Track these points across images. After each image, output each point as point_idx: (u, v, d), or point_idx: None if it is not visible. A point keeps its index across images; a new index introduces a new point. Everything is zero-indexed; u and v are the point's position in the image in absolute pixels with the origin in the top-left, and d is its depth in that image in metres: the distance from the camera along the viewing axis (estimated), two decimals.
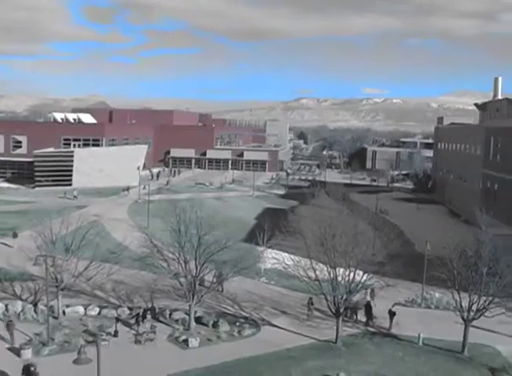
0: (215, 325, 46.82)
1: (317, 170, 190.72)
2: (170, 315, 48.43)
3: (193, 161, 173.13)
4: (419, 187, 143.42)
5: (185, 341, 43.45)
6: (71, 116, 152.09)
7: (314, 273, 45.64)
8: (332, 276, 44.93)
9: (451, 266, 45.25)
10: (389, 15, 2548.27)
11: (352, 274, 44.91)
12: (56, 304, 47.41)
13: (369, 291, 52.47)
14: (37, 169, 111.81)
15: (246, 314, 50.63)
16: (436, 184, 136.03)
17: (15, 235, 68.33)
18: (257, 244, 66.40)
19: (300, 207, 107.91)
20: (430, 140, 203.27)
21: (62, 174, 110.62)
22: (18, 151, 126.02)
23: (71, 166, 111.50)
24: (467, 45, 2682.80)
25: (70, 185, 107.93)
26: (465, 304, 44.43)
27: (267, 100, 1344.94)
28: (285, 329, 47.45)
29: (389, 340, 46.75)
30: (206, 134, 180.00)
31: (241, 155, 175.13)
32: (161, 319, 47.93)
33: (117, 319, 46.90)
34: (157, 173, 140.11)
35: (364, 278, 45.61)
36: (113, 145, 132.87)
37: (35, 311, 47.89)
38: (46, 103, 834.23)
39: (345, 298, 44.84)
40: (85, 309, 49.04)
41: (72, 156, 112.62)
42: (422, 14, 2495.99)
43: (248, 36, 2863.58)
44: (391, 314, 49.36)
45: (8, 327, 42.78)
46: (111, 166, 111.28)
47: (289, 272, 51.29)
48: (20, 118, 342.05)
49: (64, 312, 47.96)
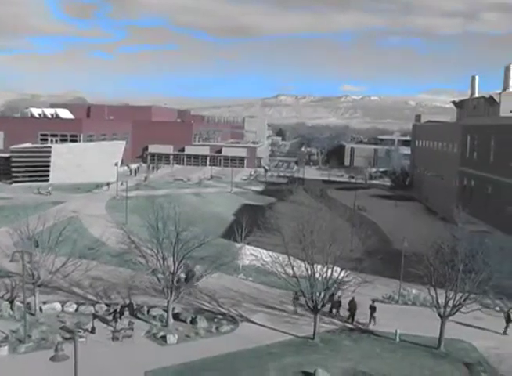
0: (193, 321, 46.79)
1: (295, 167, 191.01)
2: (148, 311, 48.30)
3: (172, 157, 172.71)
4: (396, 184, 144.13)
5: (163, 337, 43.38)
6: (49, 111, 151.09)
7: (292, 270, 45.73)
8: (310, 272, 45.05)
9: (428, 263, 45.59)
10: (370, 13, 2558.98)
11: (330, 271, 45.08)
12: (33, 301, 47.08)
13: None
14: (14, 165, 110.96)
15: (224, 310, 50.64)
16: (413, 181, 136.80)
17: None
18: (235, 241, 66.57)
19: (278, 203, 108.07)
20: (407, 138, 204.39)
21: (39, 170, 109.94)
22: None
23: (48, 162, 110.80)
24: (447, 44, 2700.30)
25: (48, 181, 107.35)
26: (441, 300, 44.79)
27: (245, 97, 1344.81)
28: (263, 325, 47.52)
29: (366, 336, 47.01)
30: (184, 130, 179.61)
31: (219, 151, 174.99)
32: (139, 315, 47.76)
33: (95, 315, 46.76)
34: (135, 169, 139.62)
35: (342, 275, 45.83)
36: (90, 141, 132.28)
37: (12, 308, 47.43)
38: (23, 98, 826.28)
39: (324, 295, 45.01)
40: (62, 306, 48.72)
41: (49, 151, 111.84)
42: (403, 12, 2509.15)
43: (228, 32, 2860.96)
44: (372, 309, 49.73)
45: None
46: (89, 162, 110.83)
47: (267, 268, 51.36)
48: None
49: (41, 308, 47.61)
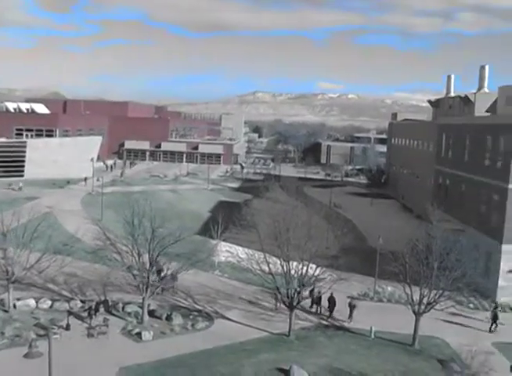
0: (169, 318, 46.76)
1: (272, 164, 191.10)
2: (123, 308, 48.19)
3: (148, 153, 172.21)
4: (372, 182, 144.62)
5: (138, 334, 43.31)
6: (24, 106, 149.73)
7: (267, 267, 45.86)
8: (285, 269, 45.21)
9: (403, 260, 45.95)
10: (347, 10, 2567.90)
11: (305, 268, 45.26)
12: (7, 297, 46.76)
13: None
14: None
15: (199, 307, 50.66)
16: (389, 179, 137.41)
17: None
18: (211, 237, 66.50)
19: (254, 200, 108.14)
20: (384, 136, 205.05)
21: (14, 164, 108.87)
22: None
23: (24, 157, 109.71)
24: (424, 43, 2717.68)
25: (23, 176, 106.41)
26: (416, 297, 45.19)
27: (222, 93, 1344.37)
28: (238, 322, 47.63)
29: (342, 333, 47.29)
30: (161, 126, 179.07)
31: (196, 148, 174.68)
32: (114, 312, 47.64)
33: (69, 312, 46.50)
34: (111, 165, 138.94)
35: (317, 272, 46.02)
36: (66, 136, 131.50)
37: None
38: None
39: (298, 291, 45.17)
40: (37, 302, 48.46)
41: (25, 146, 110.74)
42: (380, 11, 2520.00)
43: (205, 28, 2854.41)
44: (352, 307, 50.07)
45: None
46: (64, 157, 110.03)
47: (242, 265, 51.52)
48: None
49: (15, 305, 47.27)
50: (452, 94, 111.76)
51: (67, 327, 43.40)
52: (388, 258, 48.37)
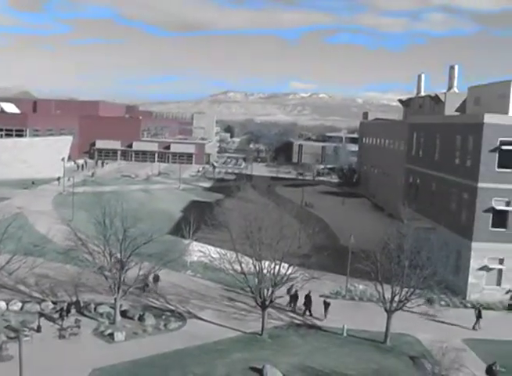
0: (141, 318, 46.61)
1: (243, 163, 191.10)
2: (95, 309, 47.92)
3: (119, 153, 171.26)
4: (344, 181, 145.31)
5: (110, 335, 43.11)
6: None
7: (240, 266, 45.90)
8: (257, 269, 45.29)
9: (374, 259, 46.31)
10: (319, 10, 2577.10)
11: (278, 267, 45.36)
12: None
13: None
14: None
15: (172, 307, 50.56)
16: (361, 178, 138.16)
17: None
18: (183, 237, 66.44)
19: (226, 200, 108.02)
20: (355, 135, 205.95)
21: None
22: None
23: None
24: (394, 43, 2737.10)
25: None
26: (387, 295, 45.57)
27: (194, 93, 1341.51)
28: (211, 322, 47.62)
29: (314, 331, 47.49)
30: (132, 126, 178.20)
31: (168, 147, 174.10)
32: (86, 313, 47.37)
33: (41, 313, 46.18)
34: (82, 165, 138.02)
35: (289, 271, 46.15)
36: (37, 136, 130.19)
37: None
38: None
39: (272, 291, 45.26)
40: (7, 304, 47.98)
41: None
42: (351, 11, 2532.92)
43: (177, 27, 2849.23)
44: (326, 305, 50.36)
45: None
46: (35, 157, 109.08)
47: (215, 265, 51.52)
48: None
49: None
50: (422, 93, 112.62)
51: (38, 329, 43.05)
52: (360, 257, 48.64)
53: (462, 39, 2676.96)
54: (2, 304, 47.87)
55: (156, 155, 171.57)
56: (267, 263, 45.51)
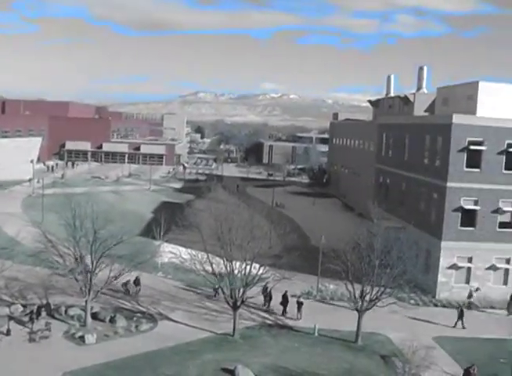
0: (112, 320, 46.37)
1: (214, 164, 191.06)
2: (65, 311, 47.53)
3: (89, 154, 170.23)
4: (314, 181, 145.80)
5: (81, 337, 42.79)
6: None
7: (211, 267, 45.87)
8: (229, 269, 45.30)
9: (345, 259, 46.56)
10: (289, 11, 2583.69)
11: (249, 267, 45.44)
12: None
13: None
14: None
15: (143, 309, 50.37)
16: (331, 178, 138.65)
17: None
18: (153, 238, 66.15)
19: (196, 201, 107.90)
20: (325, 135, 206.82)
21: None
22: None
23: None
24: (363, 44, 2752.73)
25: None
26: (358, 295, 45.82)
27: (164, 93, 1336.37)
28: (182, 323, 47.52)
29: (286, 331, 47.61)
30: (102, 127, 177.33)
31: (138, 149, 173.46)
32: (56, 315, 46.94)
33: (10, 317, 45.64)
34: (52, 166, 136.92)
35: (260, 271, 46.24)
36: (5, 137, 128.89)
37: None
38: None
39: (243, 291, 45.30)
40: None
41: None
42: (321, 12, 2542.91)
43: (146, 27, 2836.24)
44: (299, 304, 50.56)
45: None
46: (3, 159, 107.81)
47: (186, 266, 51.41)
48: None
49: None
50: (391, 94, 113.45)
51: (8, 333, 42.59)
52: (331, 257, 48.95)
53: (431, 40, 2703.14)
54: None
55: (126, 156, 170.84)
56: (238, 264, 45.56)
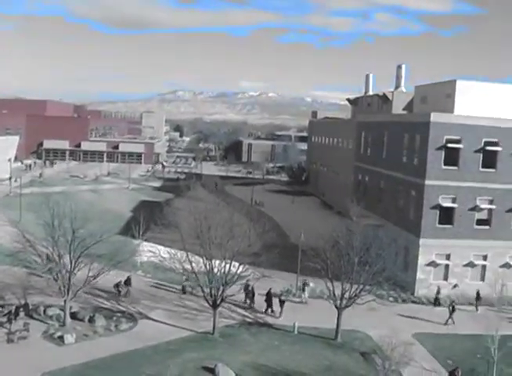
0: (91, 320, 46.16)
1: (193, 162, 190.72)
2: (44, 311, 47.25)
3: (68, 153, 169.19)
4: (293, 180, 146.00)
5: (60, 337, 42.57)
6: None
7: (190, 266, 45.84)
8: (208, 268, 45.29)
9: (324, 256, 46.80)
10: (269, 10, 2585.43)
11: (228, 266, 45.46)
12: None
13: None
14: None
15: (122, 308, 50.21)
16: (310, 176, 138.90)
17: None
18: (133, 237, 66.01)
19: (175, 199, 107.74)
20: (304, 133, 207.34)
21: None
22: None
23: None
24: (343, 42, 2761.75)
25: None
26: (338, 292, 46.04)
27: (143, 92, 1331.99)
28: (162, 322, 47.44)
29: (265, 329, 47.71)
30: (80, 125, 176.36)
31: (116, 147, 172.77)
32: (35, 316, 46.65)
33: None
34: (30, 165, 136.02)
35: (240, 269, 46.29)
36: None
37: None
38: None
39: (222, 290, 45.30)
40: None
41: None
42: (301, 10, 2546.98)
43: (127, 25, 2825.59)
44: (281, 302, 50.71)
45: None
46: None
47: (165, 265, 51.33)
48: None
49: None
50: (370, 92, 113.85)
51: None
52: (310, 255, 49.12)
53: (410, 39, 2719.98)
54: None
55: (105, 155, 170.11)
56: (217, 262, 45.57)
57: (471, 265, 59.48)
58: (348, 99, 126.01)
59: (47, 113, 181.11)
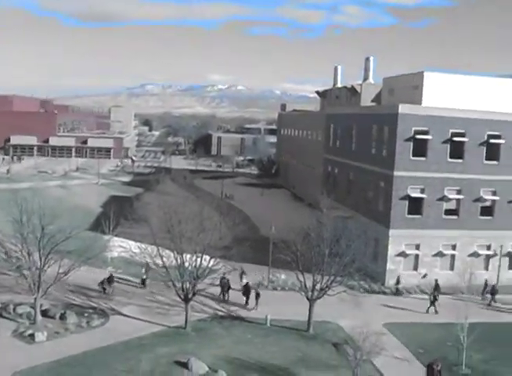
0: (63, 317, 45.80)
1: (162, 157, 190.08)
2: (14, 309, 46.73)
3: (35, 149, 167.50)
4: (263, 172, 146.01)
5: (31, 335, 42.15)
6: None
7: (161, 260, 45.72)
8: (179, 262, 45.23)
9: (295, 249, 46.97)
10: (238, 2, 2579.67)
11: (199, 260, 45.44)
12: None
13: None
14: None
15: (94, 304, 49.94)
16: (280, 169, 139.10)
17: None
18: (103, 233, 65.68)
19: (145, 194, 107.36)
20: (273, 126, 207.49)
21: None
22: None
23: None
24: (312, 35, 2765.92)
25: None
26: (309, 284, 46.26)
27: (111, 86, 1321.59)
28: (134, 317, 47.25)
29: (238, 323, 47.78)
30: (48, 120, 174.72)
31: (85, 142, 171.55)
32: (4, 314, 46.13)
33: None
34: None
35: (211, 263, 46.30)
36: None
37: None
38: None
39: (194, 284, 45.26)
40: None
41: None
42: (270, 2, 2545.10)
43: (95, 18, 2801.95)
44: (257, 295, 50.99)
45: None
46: None
47: (136, 260, 51.17)
48: None
49: None
50: (339, 85, 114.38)
51: None
52: (281, 247, 49.25)
53: (378, 31, 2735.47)
54: None
55: (73, 150, 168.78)
56: (188, 256, 45.52)
57: (440, 254, 60.14)
58: (317, 92, 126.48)
59: (13, 108, 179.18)
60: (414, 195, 58.72)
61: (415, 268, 59.93)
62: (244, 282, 53.74)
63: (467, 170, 59.71)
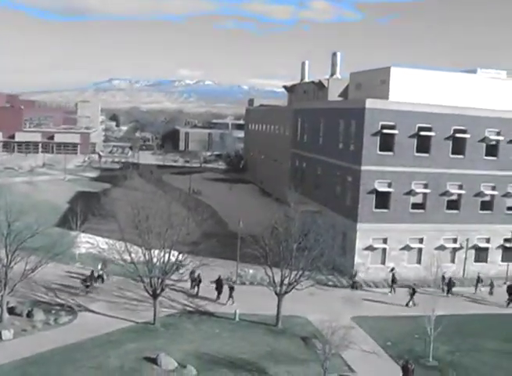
0: (30, 314, 45.43)
1: (130, 152, 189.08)
2: None
3: (1, 145, 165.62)
4: (231, 167, 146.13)
5: None
6: None
7: (129, 256, 45.53)
8: (147, 258, 45.10)
9: (263, 243, 47.09)
10: None
11: (167, 255, 45.36)
12: None
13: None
14: None
15: (61, 301, 49.60)
16: (248, 164, 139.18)
17: None
18: (70, 229, 65.23)
19: (113, 189, 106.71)
20: (241, 121, 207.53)
21: None
22: None
23: None
24: (279, 30, 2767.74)
25: None
26: (277, 279, 46.38)
27: (78, 81, 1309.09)
28: (102, 314, 47.03)
29: (207, 318, 47.80)
30: (13, 116, 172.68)
31: (52, 138, 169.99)
32: None
33: None
34: None
35: (179, 258, 46.22)
36: None
37: None
38: None
39: (162, 280, 45.17)
40: None
41: None
42: None
43: (62, 12, 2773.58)
44: (230, 289, 51.25)
45: None
46: None
47: (104, 256, 50.88)
48: None
49: None
50: (306, 80, 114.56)
51: None
52: (249, 242, 49.40)
53: (345, 27, 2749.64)
54: None
55: (39, 146, 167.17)
56: (156, 252, 45.41)
57: (408, 248, 60.70)
58: (285, 87, 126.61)
59: None
60: (381, 189, 59.16)
61: (382, 262, 60.41)
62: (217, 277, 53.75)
63: (434, 164, 60.33)
